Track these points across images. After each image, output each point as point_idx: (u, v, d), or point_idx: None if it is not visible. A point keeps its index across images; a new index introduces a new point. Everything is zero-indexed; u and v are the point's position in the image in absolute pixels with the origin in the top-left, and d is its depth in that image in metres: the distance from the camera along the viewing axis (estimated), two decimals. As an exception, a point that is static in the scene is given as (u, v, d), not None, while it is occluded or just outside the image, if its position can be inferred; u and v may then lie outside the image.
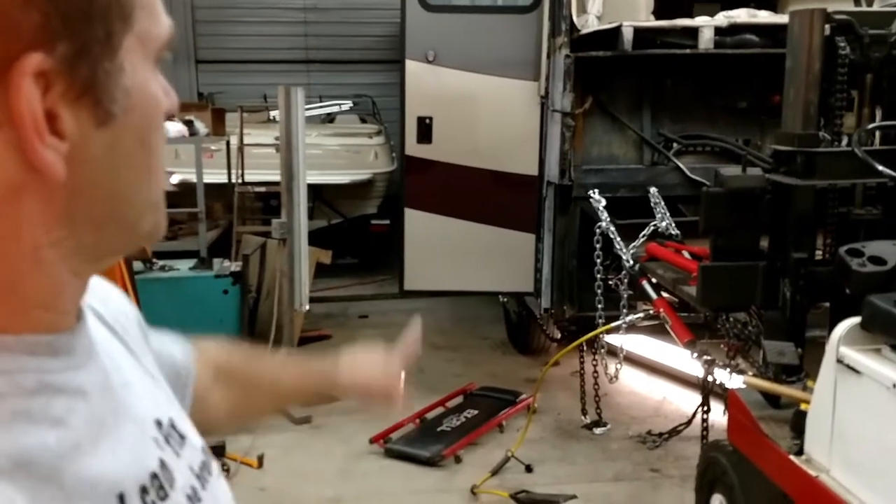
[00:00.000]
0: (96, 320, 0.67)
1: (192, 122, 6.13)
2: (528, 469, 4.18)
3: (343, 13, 10.29)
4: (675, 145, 4.76)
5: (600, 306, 4.36)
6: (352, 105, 9.27)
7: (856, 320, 2.56)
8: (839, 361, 2.56)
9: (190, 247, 6.26)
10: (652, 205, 4.38)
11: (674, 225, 4.23)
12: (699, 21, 4.46)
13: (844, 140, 3.27)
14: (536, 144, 4.94)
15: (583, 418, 4.75)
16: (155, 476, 0.61)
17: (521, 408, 4.85)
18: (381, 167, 8.06)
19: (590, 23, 4.66)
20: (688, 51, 4.35)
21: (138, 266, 5.06)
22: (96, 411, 0.57)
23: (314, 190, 7.09)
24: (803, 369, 3.07)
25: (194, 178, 6.00)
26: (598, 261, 4.37)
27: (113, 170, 0.55)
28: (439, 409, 4.88)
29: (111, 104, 0.52)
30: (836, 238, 3.24)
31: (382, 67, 10.02)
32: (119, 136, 0.54)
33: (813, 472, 2.62)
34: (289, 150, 4.96)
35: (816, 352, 2.96)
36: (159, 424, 0.66)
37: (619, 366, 4.42)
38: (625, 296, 4.21)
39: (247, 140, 7.17)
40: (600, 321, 4.33)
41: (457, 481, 4.15)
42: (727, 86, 4.74)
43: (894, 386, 2.34)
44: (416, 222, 5.19)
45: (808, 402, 2.78)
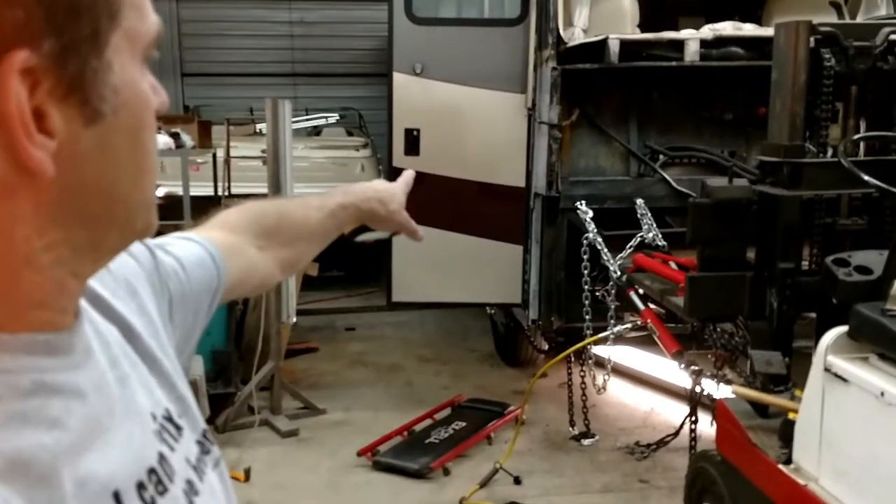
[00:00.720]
0: (94, 311, 0.66)
1: (178, 135, 6.10)
2: (517, 481, 4.16)
3: (329, 27, 10.32)
4: (661, 157, 4.79)
5: (588, 317, 4.37)
6: (338, 118, 9.27)
7: (843, 329, 2.57)
8: (827, 370, 2.57)
9: (176, 260, 6.19)
10: (639, 216, 4.39)
11: (660, 236, 4.25)
12: (685, 34, 4.50)
13: (830, 151, 3.29)
14: (524, 156, 4.95)
15: (571, 430, 4.75)
16: (153, 471, 0.60)
17: (509, 419, 4.84)
18: (368, 180, 8.04)
19: (576, 36, 4.69)
20: (674, 63, 4.39)
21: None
22: (93, 411, 0.57)
23: (301, 203, 7.05)
24: (790, 379, 3.08)
25: (181, 190, 5.96)
26: (586, 272, 4.37)
27: (103, 168, 0.54)
28: (427, 422, 4.86)
29: (100, 102, 0.52)
30: (822, 248, 3.26)
31: (368, 80, 10.05)
32: (109, 134, 0.54)
33: (802, 481, 2.62)
34: (276, 163, 4.95)
35: (802, 362, 2.98)
36: (154, 418, 0.66)
37: (606, 377, 4.42)
38: (612, 307, 4.22)
39: (233, 153, 7.15)
40: (588, 332, 4.33)
41: (445, 494, 4.13)
42: (713, 98, 4.78)
43: (882, 394, 2.35)
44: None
45: (796, 411, 2.78)
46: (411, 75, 5.02)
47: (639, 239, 4.27)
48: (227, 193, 7.07)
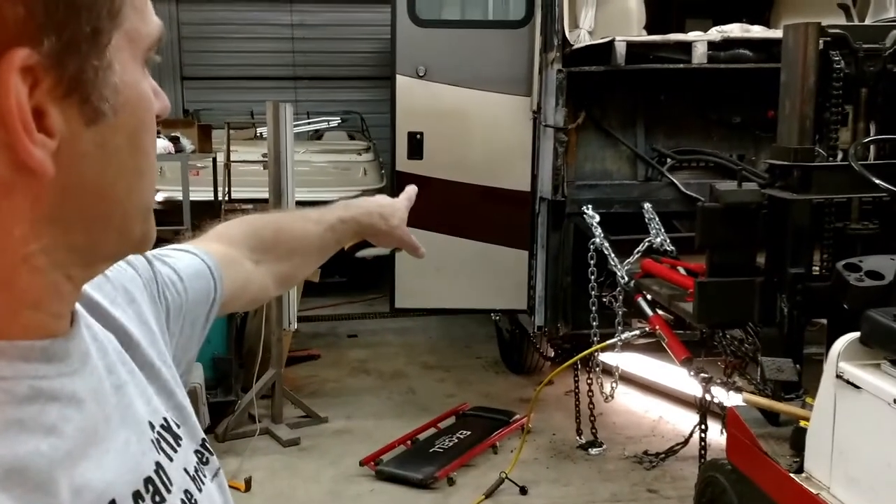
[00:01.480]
0: (91, 318, 0.66)
1: (178, 139, 6.07)
2: (523, 491, 4.11)
3: (330, 30, 10.31)
4: (669, 160, 4.75)
5: (595, 324, 4.32)
6: (340, 121, 9.25)
7: (855, 335, 2.55)
8: (839, 377, 2.53)
9: (177, 265, 6.16)
10: (646, 220, 4.35)
11: (669, 241, 4.20)
12: (692, 36, 4.46)
13: (840, 155, 3.25)
14: (529, 160, 4.91)
15: (578, 438, 4.70)
16: (150, 480, 0.61)
17: (514, 428, 4.79)
18: (371, 184, 8.03)
19: (582, 38, 4.65)
20: (681, 65, 4.35)
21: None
22: (90, 418, 0.57)
23: (302, 207, 7.03)
24: (802, 386, 3.03)
25: (180, 195, 5.94)
26: (593, 277, 4.33)
27: (103, 169, 0.54)
28: (431, 430, 4.82)
29: (100, 102, 0.52)
30: (833, 253, 3.22)
31: (370, 84, 10.03)
32: (109, 135, 0.54)
33: (813, 490, 2.60)
34: (277, 167, 4.92)
35: (813, 369, 2.94)
36: (153, 427, 0.66)
37: (614, 385, 4.37)
38: (620, 313, 4.17)
39: (234, 157, 7.12)
40: (595, 339, 4.28)
41: None
42: (721, 101, 4.73)
43: (895, 401, 2.31)
44: (407, 239, 5.13)
45: (807, 418, 2.75)
46: (414, 78, 4.98)
47: (646, 244, 4.22)
48: (227, 198, 7.03)
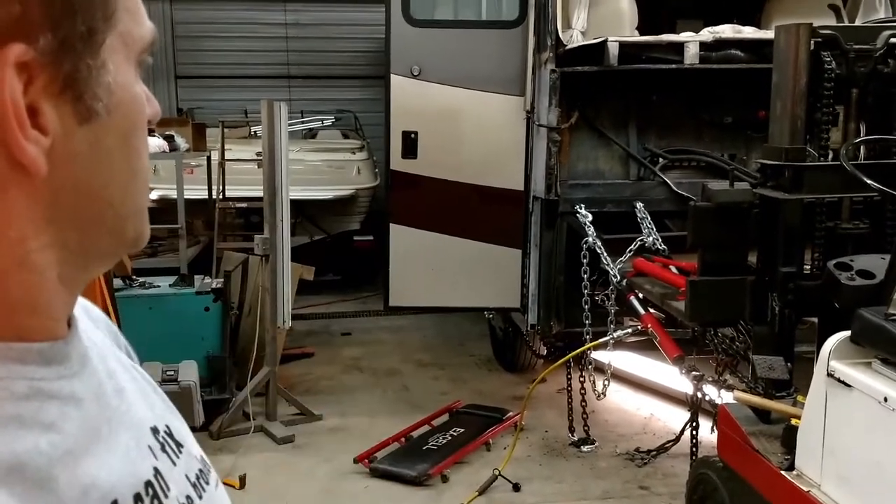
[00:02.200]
0: (92, 324, 0.66)
1: (172, 138, 6.07)
2: (516, 488, 4.13)
3: (324, 29, 10.29)
4: (661, 160, 4.77)
5: (587, 322, 4.34)
6: (334, 120, 9.25)
7: (846, 334, 2.56)
8: (829, 375, 2.55)
9: (170, 263, 6.19)
10: (638, 220, 4.37)
11: (661, 240, 4.22)
12: (685, 36, 4.47)
13: (830, 155, 3.27)
14: (522, 159, 4.93)
15: (570, 436, 4.72)
16: (149, 484, 0.60)
17: (507, 426, 4.81)
18: (364, 183, 8.03)
19: (575, 38, 4.67)
20: (673, 66, 4.36)
21: (118, 283, 5.00)
22: (90, 418, 0.57)
23: (296, 206, 7.02)
24: (793, 384, 3.06)
25: (174, 193, 5.94)
26: (585, 276, 4.35)
27: (96, 169, 0.54)
28: (425, 428, 4.83)
29: (94, 101, 0.52)
30: (824, 252, 3.24)
31: (364, 83, 10.02)
32: (102, 134, 0.54)
33: (804, 487, 2.62)
34: (272, 165, 4.92)
35: (804, 367, 2.96)
36: (155, 432, 0.66)
37: (606, 382, 4.39)
38: (612, 311, 4.19)
39: (228, 155, 7.11)
40: (587, 337, 4.30)
41: (444, 501, 4.09)
42: (713, 101, 4.76)
43: (885, 400, 2.34)
44: (401, 238, 5.15)
45: (798, 416, 2.77)
46: (409, 78, 5.00)
47: (639, 243, 4.24)
48: (221, 196, 7.03)
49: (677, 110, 4.81)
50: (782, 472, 2.71)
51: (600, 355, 4.51)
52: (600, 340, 4.17)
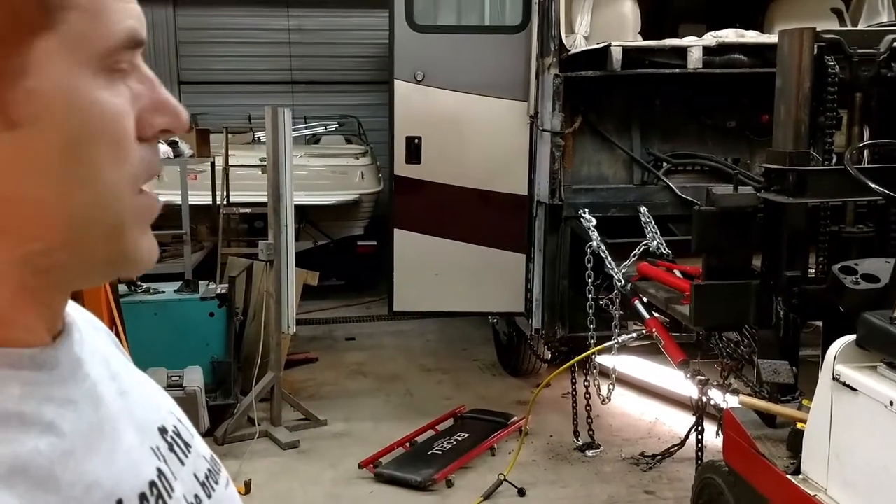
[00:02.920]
0: (94, 332, 0.66)
1: (176, 143, 6.09)
2: (521, 493, 4.13)
3: (327, 34, 10.30)
4: (664, 164, 4.77)
5: (592, 327, 4.34)
6: (337, 126, 9.26)
7: (851, 338, 2.56)
8: (835, 379, 2.55)
9: (175, 269, 6.18)
10: (643, 224, 4.37)
11: (665, 244, 4.22)
12: (688, 41, 4.48)
13: (834, 159, 3.27)
14: (526, 164, 4.93)
15: (575, 440, 4.71)
16: (153, 485, 0.60)
17: (512, 430, 4.81)
18: (368, 188, 8.04)
19: (578, 43, 4.67)
20: (677, 70, 4.37)
21: (123, 289, 5.00)
22: (88, 420, 0.56)
23: (300, 211, 7.05)
24: (798, 388, 3.05)
25: (179, 199, 5.94)
26: (590, 281, 4.34)
27: (22, 177, 0.51)
28: (430, 433, 4.83)
29: (6, 108, 0.49)
30: (828, 256, 3.23)
31: (367, 88, 10.03)
32: (34, 141, 0.50)
33: (810, 492, 2.61)
34: (276, 171, 4.93)
35: (810, 371, 2.95)
36: (163, 432, 0.66)
37: (611, 387, 4.38)
38: (616, 316, 4.19)
39: (231, 161, 7.12)
40: (592, 342, 4.30)
41: (448, 505, 4.09)
42: (716, 105, 4.76)
43: (891, 404, 2.33)
44: (405, 243, 5.16)
45: (804, 420, 2.76)
46: (412, 83, 5.01)
47: (643, 247, 4.24)
48: (225, 202, 7.04)
49: (680, 114, 4.82)
50: (788, 477, 2.70)
51: (605, 360, 4.51)
52: (605, 345, 4.16)
